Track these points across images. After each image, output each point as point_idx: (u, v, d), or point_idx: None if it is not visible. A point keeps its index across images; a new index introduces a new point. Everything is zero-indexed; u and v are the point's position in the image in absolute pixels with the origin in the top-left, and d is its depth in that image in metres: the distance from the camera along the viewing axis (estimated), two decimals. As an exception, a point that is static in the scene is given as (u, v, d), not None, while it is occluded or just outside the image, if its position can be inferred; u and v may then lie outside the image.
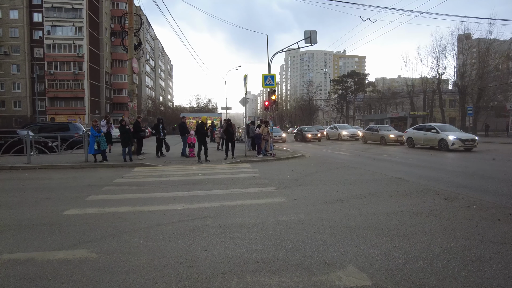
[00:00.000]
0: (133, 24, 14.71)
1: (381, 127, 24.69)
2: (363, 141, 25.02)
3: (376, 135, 23.16)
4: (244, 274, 2.99)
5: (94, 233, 4.21)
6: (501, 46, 44.08)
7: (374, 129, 24.49)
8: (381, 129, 23.85)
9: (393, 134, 22.34)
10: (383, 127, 25.06)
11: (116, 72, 60.05)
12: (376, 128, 24.43)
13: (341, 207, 5.46)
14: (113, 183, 8.09)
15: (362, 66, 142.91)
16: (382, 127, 24.60)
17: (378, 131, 23.33)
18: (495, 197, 6.05)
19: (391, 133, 22.48)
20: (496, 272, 3.00)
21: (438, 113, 44.94)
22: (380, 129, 23.82)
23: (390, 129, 24.16)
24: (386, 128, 24.40)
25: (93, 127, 11.53)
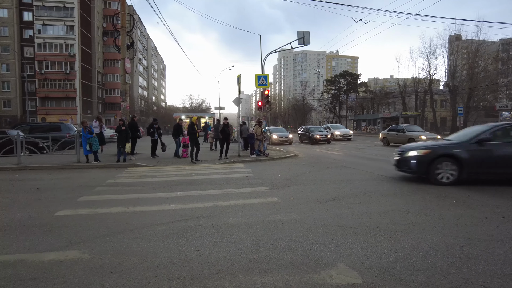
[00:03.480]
0: (125, 24, 14.62)
1: (407, 127, 21.67)
2: (384, 143, 21.67)
3: (402, 136, 19.99)
4: (237, 274, 3.01)
5: (86, 234, 4.19)
6: (489, 48, 44.79)
7: (399, 129, 21.29)
8: (408, 129, 20.83)
9: (425, 135, 19.37)
10: (410, 127, 22.13)
11: (109, 72, 59.57)
12: (402, 128, 21.30)
13: (333, 206, 5.52)
14: (106, 184, 8.04)
15: (355, 67, 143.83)
16: (409, 127, 21.59)
17: (404, 131, 20.38)
18: (482, 196, 6.16)
19: (422, 134, 19.54)
20: (483, 268, 3.07)
21: (430, 113, 45.43)
22: (407, 129, 20.84)
23: (418, 129, 21.49)
24: (413, 128, 21.55)
25: (84, 128, 11.44)
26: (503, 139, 7.40)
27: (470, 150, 7.19)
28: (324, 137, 24.36)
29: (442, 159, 7.22)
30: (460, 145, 7.44)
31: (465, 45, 43.58)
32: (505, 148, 7.21)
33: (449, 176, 7.17)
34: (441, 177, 7.20)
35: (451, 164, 7.16)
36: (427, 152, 7.46)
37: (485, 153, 7.12)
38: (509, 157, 7.10)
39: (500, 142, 7.31)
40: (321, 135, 24.41)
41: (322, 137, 24.16)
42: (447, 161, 7.19)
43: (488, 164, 7.16)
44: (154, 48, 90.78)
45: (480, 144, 7.17)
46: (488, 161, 7.14)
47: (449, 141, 8.14)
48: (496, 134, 7.43)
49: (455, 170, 7.12)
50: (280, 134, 24.13)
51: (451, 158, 7.18)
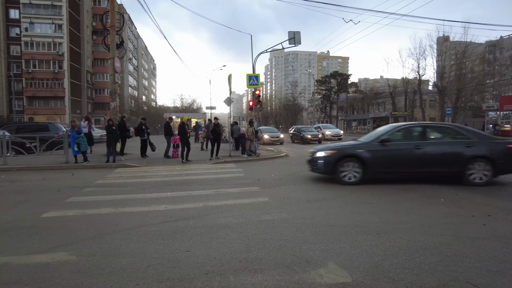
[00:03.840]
0: (115, 23, 14.44)
1: None
2: None
3: None
4: (226, 274, 3.00)
5: (74, 236, 4.13)
6: (476, 49, 45.66)
7: None
8: None
9: None
10: None
11: (98, 71, 58.78)
12: None
13: (324, 206, 5.55)
14: (95, 184, 7.94)
15: (345, 67, 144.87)
16: None
17: None
18: (470, 194, 6.27)
19: None
20: (470, 266, 3.12)
21: (419, 113, 46.06)
22: None
23: None
24: None
25: (72, 128, 11.28)
26: (401, 140, 7.71)
27: (373, 151, 7.45)
28: (315, 137, 24.39)
29: (346, 160, 7.40)
30: (364, 146, 7.68)
31: (453, 46, 44.37)
32: (402, 148, 7.48)
33: (354, 176, 7.37)
34: (346, 176, 7.38)
35: (354, 164, 7.35)
36: (333, 152, 7.62)
37: (386, 153, 7.40)
38: (406, 157, 7.37)
39: (398, 143, 7.60)
40: (312, 135, 24.49)
41: (313, 137, 24.24)
42: (352, 161, 7.37)
43: (389, 164, 7.44)
44: (144, 47, 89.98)
45: (382, 145, 7.44)
46: (388, 160, 7.41)
47: (356, 141, 8.39)
48: (396, 135, 7.76)
49: (359, 170, 7.33)
50: (271, 134, 24.14)
51: (355, 158, 7.37)
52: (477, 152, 7.17)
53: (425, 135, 7.72)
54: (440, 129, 8.26)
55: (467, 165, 7.13)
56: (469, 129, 8.09)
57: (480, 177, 7.12)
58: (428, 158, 7.33)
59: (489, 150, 7.19)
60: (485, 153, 7.15)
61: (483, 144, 7.32)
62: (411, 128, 8.09)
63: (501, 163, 7.09)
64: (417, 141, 7.57)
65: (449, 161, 7.25)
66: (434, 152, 7.39)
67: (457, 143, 7.45)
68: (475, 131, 8.01)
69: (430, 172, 7.43)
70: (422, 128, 7.96)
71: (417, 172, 7.47)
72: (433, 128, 8.23)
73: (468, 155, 7.15)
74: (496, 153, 7.15)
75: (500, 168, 7.16)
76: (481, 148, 7.23)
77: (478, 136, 7.53)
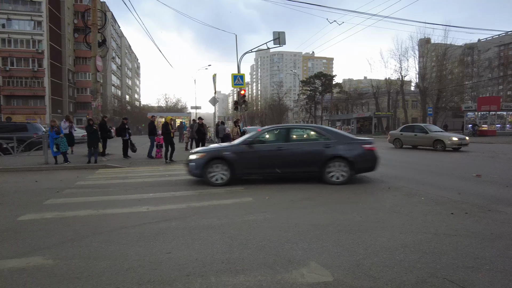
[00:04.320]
0: (96, 20, 14.14)
1: (428, 126, 18.50)
2: (397, 145, 18.66)
3: (425, 137, 17.03)
4: (208, 275, 2.97)
5: (52, 239, 4.01)
6: (456, 51, 47.02)
7: (419, 128, 17.96)
8: (431, 129, 17.67)
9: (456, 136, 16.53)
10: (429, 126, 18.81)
11: (80, 70, 57.45)
12: (422, 127, 17.99)
13: (307, 205, 5.58)
14: (75, 186, 7.75)
15: (330, 68, 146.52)
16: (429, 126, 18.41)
17: (428, 132, 17.15)
18: (448, 193, 6.43)
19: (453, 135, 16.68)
20: (447, 262, 3.19)
21: (402, 113, 47.05)
22: (430, 129, 17.62)
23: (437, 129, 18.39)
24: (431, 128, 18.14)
25: (51, 128, 10.97)
26: (266, 142, 7.96)
27: (239, 153, 7.62)
28: None
29: (214, 162, 7.53)
30: (231, 148, 7.86)
31: (434, 48, 45.54)
32: (266, 150, 7.70)
33: (221, 178, 7.50)
34: (214, 177, 7.49)
35: (222, 166, 7.50)
36: (202, 155, 7.70)
37: (251, 155, 7.59)
38: (269, 158, 7.58)
39: (263, 145, 7.81)
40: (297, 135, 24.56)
41: None
42: (219, 163, 7.51)
43: (254, 165, 7.64)
44: (128, 46, 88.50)
45: (248, 147, 7.65)
46: (254, 162, 7.60)
47: (227, 144, 8.69)
48: (262, 137, 8.07)
49: (226, 171, 7.49)
50: None
51: (222, 160, 7.52)
52: (335, 152, 7.45)
53: (289, 136, 7.95)
54: (303, 130, 8.55)
55: (326, 164, 7.41)
56: (330, 130, 8.30)
57: (339, 176, 7.42)
58: (290, 158, 7.56)
59: (347, 150, 7.49)
60: (342, 153, 7.44)
61: (341, 144, 7.61)
62: (276, 130, 8.37)
63: (357, 163, 7.46)
64: (280, 142, 7.80)
65: (309, 161, 7.52)
66: (296, 153, 7.63)
67: (317, 144, 7.75)
68: (335, 132, 8.23)
69: (293, 172, 7.65)
70: (286, 130, 8.20)
71: (282, 172, 7.65)
72: (296, 129, 8.52)
73: (327, 155, 7.42)
74: (353, 153, 7.49)
75: (357, 167, 7.51)
76: (339, 148, 7.52)
77: (337, 137, 7.79)
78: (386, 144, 20.00)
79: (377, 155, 7.79)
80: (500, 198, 5.93)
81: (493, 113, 31.98)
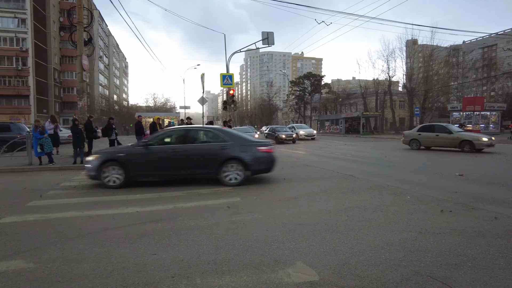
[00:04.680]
0: (82, 19, 13.88)
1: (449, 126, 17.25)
2: (413, 146, 17.06)
3: (449, 138, 15.60)
4: (193, 276, 2.94)
5: (34, 242, 3.92)
6: (442, 53, 47.94)
7: (441, 128, 16.43)
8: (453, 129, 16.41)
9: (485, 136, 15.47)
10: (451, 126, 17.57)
11: (67, 69, 56.28)
12: (444, 127, 16.58)
13: (295, 205, 5.59)
14: (59, 187, 7.60)
15: (319, 68, 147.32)
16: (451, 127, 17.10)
17: (452, 132, 15.77)
18: (432, 191, 6.53)
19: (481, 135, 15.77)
20: (431, 260, 3.24)
21: (389, 113, 47.62)
22: (453, 129, 16.35)
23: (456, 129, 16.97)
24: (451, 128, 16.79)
25: (35, 128, 10.74)
26: (164, 144, 7.86)
27: (135, 154, 7.60)
28: (289, 136, 24.79)
29: (109, 164, 7.44)
30: (127, 150, 7.91)
31: (421, 49, 46.28)
32: (163, 152, 7.64)
33: (115, 180, 7.40)
34: (108, 180, 7.40)
35: (117, 168, 7.41)
36: (97, 157, 7.63)
37: (148, 157, 7.55)
38: (166, 160, 7.53)
39: (160, 146, 7.75)
40: (287, 135, 24.83)
41: (287, 137, 24.63)
42: (113, 165, 7.42)
43: (151, 167, 7.58)
44: (116, 45, 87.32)
45: (145, 148, 7.61)
46: (150, 164, 7.55)
47: (126, 145, 8.76)
48: (161, 138, 7.97)
49: (121, 174, 7.40)
50: (246, 134, 24.16)
51: (116, 162, 7.44)
52: (231, 154, 7.51)
53: (187, 138, 7.98)
54: (201, 132, 8.46)
55: (222, 166, 7.46)
56: (228, 132, 8.28)
57: (234, 177, 7.47)
58: (186, 160, 7.56)
59: (242, 152, 7.57)
60: (237, 155, 7.51)
61: (237, 146, 7.67)
62: (174, 132, 8.39)
63: (253, 164, 7.55)
64: (177, 144, 7.81)
65: (205, 163, 7.54)
66: (192, 154, 7.61)
67: (213, 146, 7.74)
68: (233, 134, 8.22)
69: (190, 173, 7.67)
70: (183, 131, 8.31)
71: (178, 174, 7.70)
72: (194, 131, 8.48)
73: (222, 157, 7.47)
74: (248, 155, 7.57)
75: (252, 169, 7.59)
76: (235, 150, 7.59)
77: (234, 139, 7.86)
78: (398, 145, 19.23)
79: (273, 157, 7.90)
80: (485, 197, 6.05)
81: (478, 113, 32.69)
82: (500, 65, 64.46)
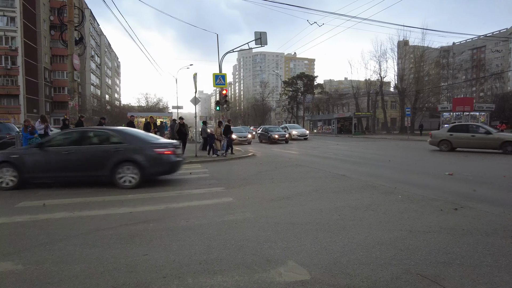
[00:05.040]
0: (73, 17, 13.71)
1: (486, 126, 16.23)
2: (444, 148, 15.72)
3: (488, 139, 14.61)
4: (185, 277, 2.94)
5: (22, 243, 3.86)
6: (432, 54, 48.52)
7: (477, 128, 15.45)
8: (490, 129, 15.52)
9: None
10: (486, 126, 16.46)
11: (57, 68, 55.49)
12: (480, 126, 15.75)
13: (287, 204, 5.61)
14: (51, 188, 7.48)
15: (311, 69, 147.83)
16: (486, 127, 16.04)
17: (491, 132, 14.94)
18: (420, 190, 6.61)
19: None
20: (421, 258, 3.28)
21: (381, 113, 48.08)
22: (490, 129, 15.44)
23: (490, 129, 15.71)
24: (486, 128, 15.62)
25: (25, 128, 10.58)
26: (59, 145, 7.63)
27: (28, 156, 7.46)
28: (282, 136, 24.84)
29: (2, 165, 7.32)
30: (22, 151, 7.85)
31: (412, 50, 46.80)
32: (57, 153, 7.44)
33: (8, 182, 7.27)
34: (1, 182, 7.27)
35: (11, 169, 7.27)
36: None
37: (42, 158, 7.41)
38: (60, 161, 7.37)
39: (55, 148, 7.54)
40: (280, 135, 24.85)
41: (280, 137, 24.64)
42: (7, 167, 7.30)
43: (45, 169, 7.43)
44: (107, 44, 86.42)
45: (40, 150, 7.48)
46: (45, 165, 7.42)
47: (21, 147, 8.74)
48: (58, 140, 7.82)
49: (15, 176, 7.27)
50: (239, 134, 24.23)
51: (9, 164, 7.31)
52: (126, 156, 7.38)
53: (83, 140, 7.84)
54: (97, 134, 8.20)
55: (116, 168, 7.30)
56: (126, 133, 8.06)
57: (129, 180, 7.32)
58: (81, 162, 7.38)
59: (138, 155, 7.42)
60: (133, 157, 7.38)
61: (133, 148, 7.53)
62: (71, 134, 8.32)
63: (148, 167, 7.40)
64: (72, 146, 7.61)
65: (100, 165, 7.36)
66: (86, 156, 7.44)
67: (108, 147, 7.57)
68: (131, 135, 8.01)
69: (84, 175, 7.52)
70: (79, 133, 8.21)
71: (72, 176, 7.55)
72: (91, 133, 8.32)
73: (116, 159, 7.32)
74: (143, 157, 7.42)
75: (148, 171, 7.46)
76: (130, 152, 7.45)
77: (131, 141, 7.70)
78: (423, 146, 18.33)
79: (171, 159, 7.69)
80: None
81: (467, 114, 33.15)
82: (489, 66, 65.50)
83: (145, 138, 8.03)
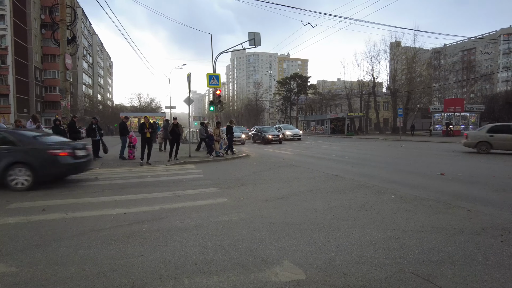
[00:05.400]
0: (65, 16, 13.57)
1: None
2: (481, 149, 14.48)
3: None
4: (181, 277, 2.94)
5: (15, 245, 3.82)
6: (424, 55, 49.06)
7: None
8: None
9: None
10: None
11: (48, 67, 54.85)
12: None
13: (281, 205, 5.63)
14: (41, 188, 7.40)
15: (305, 69, 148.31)
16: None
17: None
18: (412, 190, 6.69)
19: None
20: (414, 257, 3.33)
21: (374, 114, 48.44)
22: None
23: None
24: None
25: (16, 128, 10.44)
26: None
27: None
28: (276, 137, 24.93)
29: None
30: None
31: (404, 51, 47.25)
32: None
33: None
34: None
35: None
36: None
37: None
38: None
39: None
40: (273, 135, 24.94)
41: (274, 137, 24.74)
42: None
43: None
44: (100, 44, 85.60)
45: None
46: None
47: None
48: None
49: None
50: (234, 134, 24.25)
51: None
52: (18, 158, 7.20)
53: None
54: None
55: (8, 170, 7.11)
56: (18, 135, 7.78)
57: (22, 182, 7.16)
58: None
59: (30, 156, 7.27)
60: (25, 159, 7.20)
61: (25, 150, 7.36)
62: None
63: (40, 169, 7.26)
64: None
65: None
66: None
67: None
68: (24, 137, 7.76)
69: None
70: None
71: None
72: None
73: (7, 161, 7.13)
74: (36, 159, 7.28)
75: (41, 173, 7.30)
76: (22, 154, 7.27)
77: (24, 142, 7.50)
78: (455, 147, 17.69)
79: (67, 161, 7.52)
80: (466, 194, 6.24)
81: (458, 114, 33.58)
82: (479, 68, 66.44)
83: (39, 140, 7.80)
